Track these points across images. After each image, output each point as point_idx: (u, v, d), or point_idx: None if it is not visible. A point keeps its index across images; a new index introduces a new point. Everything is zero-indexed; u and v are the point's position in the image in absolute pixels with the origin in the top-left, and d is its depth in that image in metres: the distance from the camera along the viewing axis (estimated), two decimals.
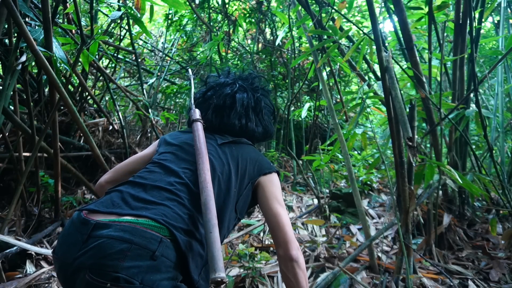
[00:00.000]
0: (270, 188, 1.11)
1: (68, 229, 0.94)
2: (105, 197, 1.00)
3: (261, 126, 1.29)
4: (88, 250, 0.84)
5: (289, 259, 0.99)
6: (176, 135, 1.23)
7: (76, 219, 0.93)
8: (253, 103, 1.27)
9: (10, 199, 3.01)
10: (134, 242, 0.83)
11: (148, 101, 3.70)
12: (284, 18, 2.79)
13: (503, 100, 2.95)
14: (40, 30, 1.97)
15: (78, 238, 0.88)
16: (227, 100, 1.23)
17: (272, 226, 1.04)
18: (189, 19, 5.13)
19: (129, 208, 0.92)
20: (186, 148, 1.13)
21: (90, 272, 0.81)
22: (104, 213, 0.92)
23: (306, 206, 3.52)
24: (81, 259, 0.84)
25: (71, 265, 0.85)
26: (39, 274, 2.06)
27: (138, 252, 0.82)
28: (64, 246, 0.91)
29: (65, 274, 0.89)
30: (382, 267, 1.94)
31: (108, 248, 0.82)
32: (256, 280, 1.90)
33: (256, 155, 1.18)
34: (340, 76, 5.09)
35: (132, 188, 1.00)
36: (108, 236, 0.84)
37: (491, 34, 4.75)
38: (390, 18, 2.16)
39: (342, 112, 2.92)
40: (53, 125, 2.37)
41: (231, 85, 1.28)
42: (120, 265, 0.80)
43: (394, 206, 2.35)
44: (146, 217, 0.89)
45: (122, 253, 0.81)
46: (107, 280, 0.79)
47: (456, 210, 2.57)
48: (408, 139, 1.47)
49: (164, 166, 1.07)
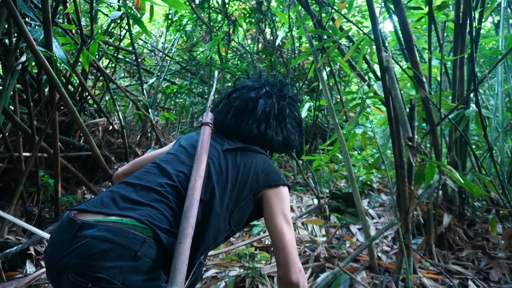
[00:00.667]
0: (275, 202, 1.04)
1: (57, 229, 0.94)
2: (97, 196, 1.00)
3: (281, 136, 1.21)
4: (73, 250, 0.84)
5: (287, 283, 0.95)
6: (190, 137, 1.20)
7: (65, 219, 0.93)
8: (276, 111, 1.20)
9: (10, 199, 3.01)
10: (116, 242, 0.83)
11: (148, 101, 3.70)
12: (284, 18, 2.80)
13: (503, 100, 2.95)
14: (40, 30, 1.97)
15: (65, 238, 0.87)
16: (249, 104, 1.18)
17: (275, 245, 0.99)
18: (189, 19, 5.13)
19: (117, 208, 0.91)
20: (191, 151, 1.10)
21: (73, 272, 0.81)
22: (92, 213, 0.91)
23: (306, 206, 3.52)
24: (66, 259, 0.84)
25: (57, 265, 0.85)
26: (39, 274, 2.06)
27: (120, 253, 0.82)
28: (52, 246, 0.91)
29: (52, 273, 0.89)
30: (382, 267, 1.94)
31: (91, 248, 0.82)
32: (256, 280, 1.90)
33: (265, 165, 1.10)
34: (340, 76, 5.09)
35: (123, 188, 0.99)
36: (92, 236, 0.84)
37: (491, 34, 4.75)
38: (390, 18, 2.16)
39: (342, 112, 2.93)
40: (53, 125, 2.37)
41: (257, 90, 1.22)
42: (102, 265, 0.80)
43: (394, 206, 2.35)
44: (131, 217, 0.88)
45: (104, 253, 0.81)
46: (88, 280, 0.79)
47: (456, 210, 2.57)
48: (408, 139, 1.47)
49: (160, 167, 1.05)
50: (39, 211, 2.67)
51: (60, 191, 2.63)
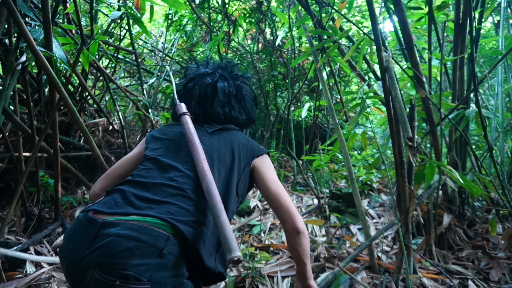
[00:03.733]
0: (265, 170, 1.15)
1: (74, 229, 0.95)
2: (107, 197, 1.00)
3: (244, 113, 1.31)
4: (96, 249, 0.85)
5: (296, 232, 1.04)
6: (164, 130, 1.22)
7: (82, 218, 0.94)
8: (234, 91, 1.29)
9: (10, 199, 3.00)
10: (142, 240, 0.84)
11: (148, 101, 3.70)
12: (284, 18, 2.79)
13: (503, 100, 2.95)
14: (40, 30, 1.97)
15: (85, 237, 0.88)
16: (209, 90, 1.25)
17: (275, 206, 1.08)
18: (189, 19, 5.13)
19: (133, 208, 0.93)
20: (178, 141, 1.14)
21: (99, 270, 0.82)
22: (108, 214, 0.92)
23: (306, 206, 3.52)
24: (90, 257, 0.85)
25: (79, 264, 0.86)
26: (39, 274, 2.06)
27: (146, 250, 0.84)
28: (70, 246, 0.92)
29: (73, 272, 0.89)
30: (382, 267, 1.94)
31: (117, 246, 0.83)
32: (256, 280, 1.90)
33: (246, 140, 1.20)
34: (340, 76, 5.09)
35: (133, 188, 1.00)
36: (116, 234, 0.85)
37: (491, 34, 4.75)
38: (390, 18, 2.16)
39: (342, 112, 2.92)
40: (53, 125, 2.37)
41: (211, 75, 1.29)
42: (129, 262, 0.81)
43: (394, 206, 2.35)
44: (152, 216, 0.90)
45: (131, 251, 0.82)
46: (116, 278, 0.80)
47: (456, 210, 2.57)
48: (408, 139, 1.47)
49: (160, 162, 1.07)
50: (39, 211, 2.67)
51: (60, 191, 2.63)
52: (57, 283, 2.02)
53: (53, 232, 2.62)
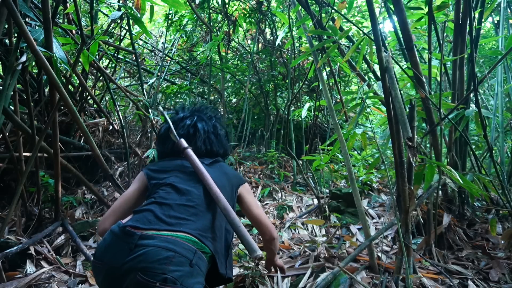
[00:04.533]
0: (247, 195, 1.40)
1: (110, 240, 1.11)
2: (138, 215, 1.17)
3: (222, 148, 1.53)
4: (137, 256, 1.02)
5: (272, 239, 1.35)
6: (162, 164, 1.40)
7: (118, 231, 1.11)
8: (211, 129, 1.51)
9: (10, 199, 3.01)
10: (176, 251, 1.03)
11: (148, 101, 3.70)
12: (284, 18, 2.80)
13: (503, 100, 2.96)
14: (40, 30, 1.98)
15: (125, 247, 1.05)
16: (191, 129, 1.47)
17: (256, 224, 1.35)
18: (189, 19, 5.13)
19: (165, 224, 1.11)
20: (183, 170, 1.34)
21: (141, 273, 0.98)
22: (143, 229, 1.09)
23: (306, 206, 3.52)
24: (131, 263, 1.01)
25: (120, 268, 1.03)
26: (39, 274, 2.06)
27: (180, 260, 1.02)
28: (109, 254, 1.08)
29: (113, 276, 1.05)
30: (382, 267, 1.94)
31: (157, 254, 1.01)
32: (256, 280, 1.90)
33: (231, 170, 1.46)
34: (340, 76, 5.09)
35: (160, 208, 1.17)
36: (154, 245, 1.03)
37: (491, 34, 4.75)
38: (390, 18, 2.16)
39: (342, 112, 2.93)
40: (53, 125, 2.37)
41: (189, 118, 1.51)
42: (167, 268, 0.99)
43: (394, 206, 2.35)
44: (183, 231, 1.10)
45: (168, 259, 1.01)
46: (157, 280, 0.97)
47: (456, 210, 2.57)
48: (408, 139, 1.47)
49: (177, 187, 1.25)
50: (39, 211, 2.67)
51: (60, 191, 2.63)
52: (57, 283, 2.03)
53: (53, 232, 2.62)
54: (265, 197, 3.73)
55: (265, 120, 5.42)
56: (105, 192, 3.65)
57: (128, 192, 1.36)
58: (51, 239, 2.57)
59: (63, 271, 2.20)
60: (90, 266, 2.29)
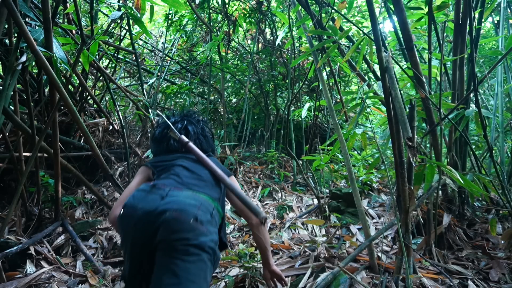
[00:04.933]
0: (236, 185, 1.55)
1: (140, 195, 1.30)
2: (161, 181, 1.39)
3: (210, 147, 1.74)
4: (171, 202, 1.23)
5: (260, 224, 1.47)
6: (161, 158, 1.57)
7: (148, 188, 1.33)
8: (200, 131, 1.71)
9: (10, 199, 3.01)
10: (201, 203, 1.28)
11: (148, 101, 3.70)
12: (284, 18, 2.80)
13: (503, 100, 2.96)
14: (40, 30, 1.98)
15: (156, 197, 1.26)
16: (182, 132, 1.65)
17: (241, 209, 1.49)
18: (189, 19, 5.13)
19: (186, 187, 1.35)
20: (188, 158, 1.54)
21: (176, 212, 1.19)
22: (169, 187, 1.32)
23: (306, 206, 3.52)
24: (166, 205, 1.21)
25: (155, 210, 1.21)
26: (39, 274, 2.06)
27: (204, 209, 1.26)
28: (143, 202, 1.26)
29: (147, 219, 1.21)
30: (382, 267, 1.94)
31: (187, 202, 1.25)
32: (256, 280, 1.90)
33: (221, 164, 1.61)
34: (340, 76, 5.09)
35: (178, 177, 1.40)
36: (183, 196, 1.27)
37: (491, 34, 4.75)
38: (390, 18, 2.16)
39: (342, 112, 2.92)
40: (53, 125, 2.37)
41: (180, 122, 1.71)
42: (198, 212, 1.22)
43: (394, 206, 2.35)
44: (203, 193, 1.35)
45: (196, 206, 1.24)
46: (190, 217, 1.19)
47: (456, 210, 2.57)
48: (408, 139, 1.47)
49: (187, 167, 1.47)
50: (39, 211, 2.67)
51: (60, 191, 2.63)
52: (57, 283, 2.03)
53: (53, 232, 2.62)
54: (265, 197, 3.73)
55: (265, 120, 5.42)
56: (105, 192, 3.65)
57: (133, 183, 1.51)
58: (51, 239, 2.57)
59: (63, 271, 2.20)
60: (90, 266, 2.29)
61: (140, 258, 1.24)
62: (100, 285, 2.03)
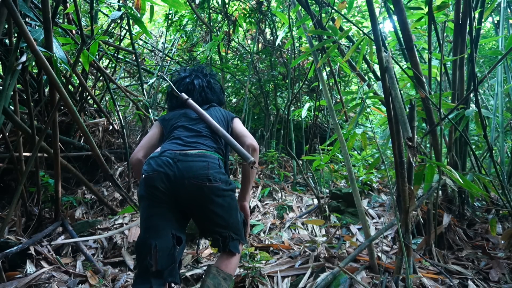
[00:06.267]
0: (238, 125, 1.77)
1: (154, 161, 1.49)
2: (168, 144, 1.59)
3: (215, 97, 1.91)
4: (183, 169, 1.44)
5: (253, 149, 1.60)
6: (170, 115, 1.78)
7: (158, 155, 1.51)
8: (206, 83, 1.89)
9: (10, 199, 3.01)
10: (209, 161, 1.50)
11: (148, 101, 3.70)
12: (284, 18, 2.80)
13: (503, 100, 2.96)
14: (40, 30, 1.98)
15: (170, 161, 1.47)
16: (190, 86, 1.86)
17: (244, 140, 1.66)
18: (189, 19, 5.13)
19: (191, 146, 1.55)
20: (188, 116, 1.73)
21: (192, 180, 1.43)
22: (178, 150, 1.52)
23: (306, 206, 3.52)
24: (180, 173, 1.43)
25: (174, 175, 1.44)
26: (39, 274, 2.06)
27: (212, 165, 1.49)
28: (161, 167, 1.45)
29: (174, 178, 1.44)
30: (382, 267, 1.94)
31: (197, 166, 1.46)
32: (256, 280, 1.90)
33: (224, 110, 1.83)
34: (340, 76, 5.09)
35: (180, 140, 1.60)
36: (192, 160, 1.48)
37: (491, 34, 4.76)
38: (390, 18, 2.16)
39: (342, 112, 2.92)
40: (53, 125, 2.37)
41: (189, 76, 1.90)
42: (208, 172, 1.46)
43: (394, 206, 2.35)
44: (204, 149, 1.56)
45: (206, 166, 1.47)
46: (205, 181, 1.43)
47: (456, 210, 2.57)
48: (408, 139, 1.47)
49: (186, 127, 1.67)
50: (39, 211, 2.67)
51: (60, 191, 2.63)
52: (57, 283, 2.03)
53: (53, 232, 2.62)
54: (265, 197, 3.73)
55: (265, 120, 5.42)
56: (105, 192, 3.65)
57: (150, 133, 1.76)
58: (51, 239, 2.57)
59: (63, 271, 2.20)
60: (90, 266, 2.29)
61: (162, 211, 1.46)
62: (100, 285, 2.03)
